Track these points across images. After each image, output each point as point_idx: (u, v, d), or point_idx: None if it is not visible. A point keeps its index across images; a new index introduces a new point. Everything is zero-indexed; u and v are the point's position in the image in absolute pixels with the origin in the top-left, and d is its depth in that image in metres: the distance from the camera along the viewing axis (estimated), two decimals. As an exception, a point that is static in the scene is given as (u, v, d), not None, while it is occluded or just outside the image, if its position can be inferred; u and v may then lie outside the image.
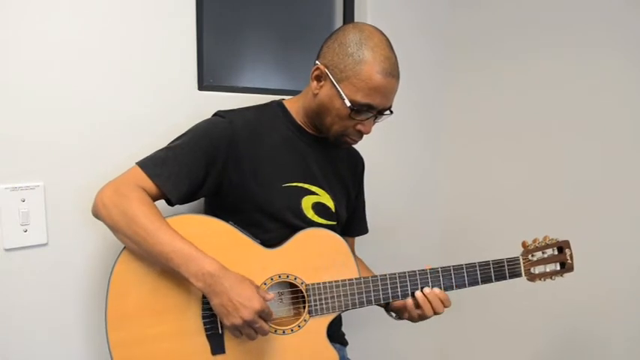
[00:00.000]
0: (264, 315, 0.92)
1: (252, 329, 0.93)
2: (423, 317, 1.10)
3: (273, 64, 1.56)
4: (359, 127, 1.07)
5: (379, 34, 1.05)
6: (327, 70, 1.04)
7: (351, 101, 1.02)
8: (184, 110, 1.22)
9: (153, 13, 1.17)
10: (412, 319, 1.11)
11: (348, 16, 1.64)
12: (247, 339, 0.95)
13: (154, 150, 1.03)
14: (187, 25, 1.23)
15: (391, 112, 1.08)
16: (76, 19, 1.07)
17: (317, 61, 1.07)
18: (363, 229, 1.35)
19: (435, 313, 1.09)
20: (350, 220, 1.28)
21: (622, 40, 1.40)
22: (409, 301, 1.09)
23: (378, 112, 1.06)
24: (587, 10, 1.46)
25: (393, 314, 1.16)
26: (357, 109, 1.03)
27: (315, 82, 1.07)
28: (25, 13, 1.01)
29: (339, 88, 1.02)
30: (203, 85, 1.31)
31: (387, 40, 1.05)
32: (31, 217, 1.04)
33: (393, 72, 1.02)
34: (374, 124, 1.09)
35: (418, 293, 1.08)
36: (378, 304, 1.15)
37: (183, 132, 1.07)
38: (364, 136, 1.10)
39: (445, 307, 1.09)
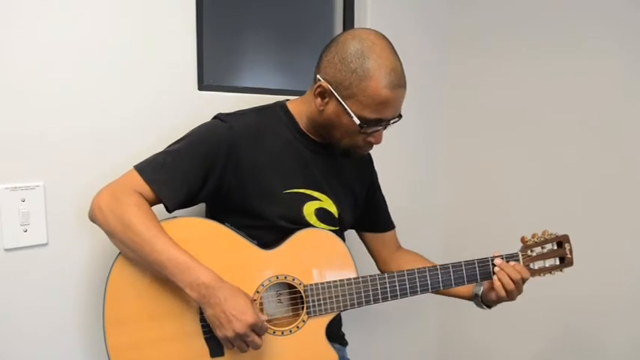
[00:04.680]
0: (256, 329, 0.92)
1: (244, 342, 0.93)
2: (510, 293, 1.09)
3: (273, 63, 1.56)
4: (370, 139, 1.05)
5: (381, 41, 1.00)
6: (330, 88, 1.00)
7: (359, 118, 0.99)
8: (184, 110, 1.22)
9: (153, 13, 1.17)
10: (500, 297, 1.10)
11: (348, 15, 1.63)
12: (239, 351, 0.95)
13: (153, 150, 1.03)
14: (187, 25, 1.23)
15: (400, 116, 1.05)
16: (76, 19, 1.07)
17: (318, 76, 1.03)
18: (389, 224, 1.33)
19: (514, 281, 1.08)
20: (375, 216, 1.29)
21: (622, 35, 1.39)
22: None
23: (387, 122, 1.03)
24: (585, 5, 1.46)
25: (484, 305, 1.17)
26: (367, 124, 1.00)
27: (319, 99, 1.03)
28: (26, 13, 1.01)
29: (346, 106, 0.99)
30: (203, 85, 1.31)
31: (390, 45, 1.01)
32: (31, 217, 1.04)
33: (399, 82, 0.99)
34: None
35: (497, 260, 1.10)
36: (467, 298, 1.19)
37: (184, 133, 1.06)
38: None
39: (522, 276, 1.09)
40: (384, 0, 1.63)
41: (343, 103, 1.00)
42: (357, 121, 1.00)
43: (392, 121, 1.04)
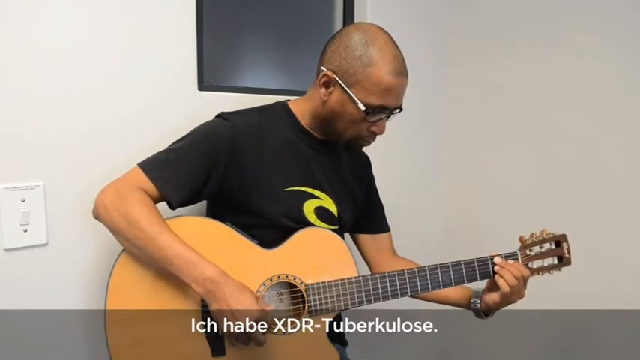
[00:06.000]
0: (261, 324, 0.92)
1: (248, 337, 0.92)
2: (513, 290, 1.08)
3: (273, 63, 1.56)
4: (373, 128, 1.06)
5: (383, 33, 1.03)
6: (335, 76, 1.02)
7: (365, 104, 1.00)
8: (184, 110, 1.22)
9: (153, 13, 1.17)
10: (504, 294, 1.09)
11: (348, 15, 1.64)
12: (242, 345, 0.94)
13: (153, 149, 1.03)
14: (187, 25, 1.23)
15: (401, 109, 1.07)
16: (76, 19, 1.07)
17: (322, 67, 1.05)
18: (384, 226, 1.32)
19: (516, 278, 1.07)
20: (370, 217, 1.29)
21: (622, 35, 1.40)
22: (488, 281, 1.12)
23: (390, 111, 1.05)
24: (585, 5, 1.46)
25: (482, 313, 1.17)
26: (371, 111, 1.02)
27: (323, 89, 1.05)
28: (26, 13, 1.01)
29: (351, 93, 1.01)
30: (203, 85, 1.31)
31: (391, 38, 1.04)
32: (31, 217, 1.04)
33: (402, 71, 1.02)
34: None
35: (497, 259, 1.11)
36: (464, 307, 1.19)
37: (184, 132, 1.06)
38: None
39: (523, 274, 1.09)
40: (384, 0, 1.63)
41: (348, 90, 1.01)
42: (363, 107, 1.00)
43: (394, 111, 1.05)
